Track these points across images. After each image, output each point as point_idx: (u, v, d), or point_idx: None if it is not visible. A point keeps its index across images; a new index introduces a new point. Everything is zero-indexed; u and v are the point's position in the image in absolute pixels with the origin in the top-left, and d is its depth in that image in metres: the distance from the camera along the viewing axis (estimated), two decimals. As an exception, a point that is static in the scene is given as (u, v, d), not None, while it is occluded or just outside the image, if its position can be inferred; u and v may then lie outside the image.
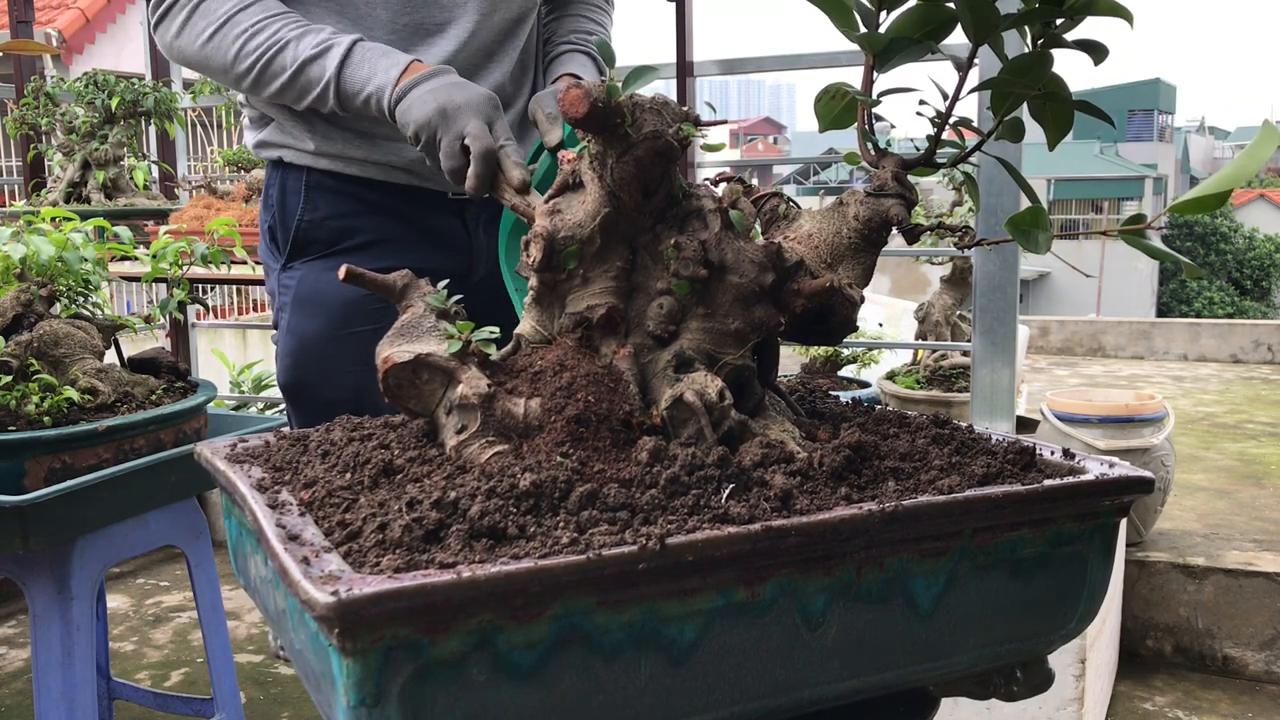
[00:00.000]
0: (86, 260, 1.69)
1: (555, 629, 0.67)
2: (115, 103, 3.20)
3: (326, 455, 0.90)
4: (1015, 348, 2.56)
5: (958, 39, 0.91)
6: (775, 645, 0.75)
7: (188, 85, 3.67)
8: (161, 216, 3.29)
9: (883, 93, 0.94)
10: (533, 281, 0.94)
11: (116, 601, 3.49)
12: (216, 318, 7.30)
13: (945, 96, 0.93)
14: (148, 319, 1.79)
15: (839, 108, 0.98)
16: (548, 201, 0.93)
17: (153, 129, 3.48)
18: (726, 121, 1.28)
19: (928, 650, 0.82)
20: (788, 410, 0.98)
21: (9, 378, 1.53)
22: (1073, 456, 0.91)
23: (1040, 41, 0.90)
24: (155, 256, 1.83)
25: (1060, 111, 0.93)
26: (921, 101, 0.93)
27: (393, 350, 0.87)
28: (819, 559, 0.76)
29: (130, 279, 2.86)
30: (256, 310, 8.66)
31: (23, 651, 3.14)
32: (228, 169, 3.41)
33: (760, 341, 0.93)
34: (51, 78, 3.54)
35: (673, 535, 0.69)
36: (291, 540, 0.71)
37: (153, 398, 1.68)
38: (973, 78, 0.95)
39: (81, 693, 1.56)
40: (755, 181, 1.02)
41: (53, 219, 1.81)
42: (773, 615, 0.75)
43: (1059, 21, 0.88)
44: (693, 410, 0.85)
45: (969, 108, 1.90)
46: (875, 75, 0.93)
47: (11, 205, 3.60)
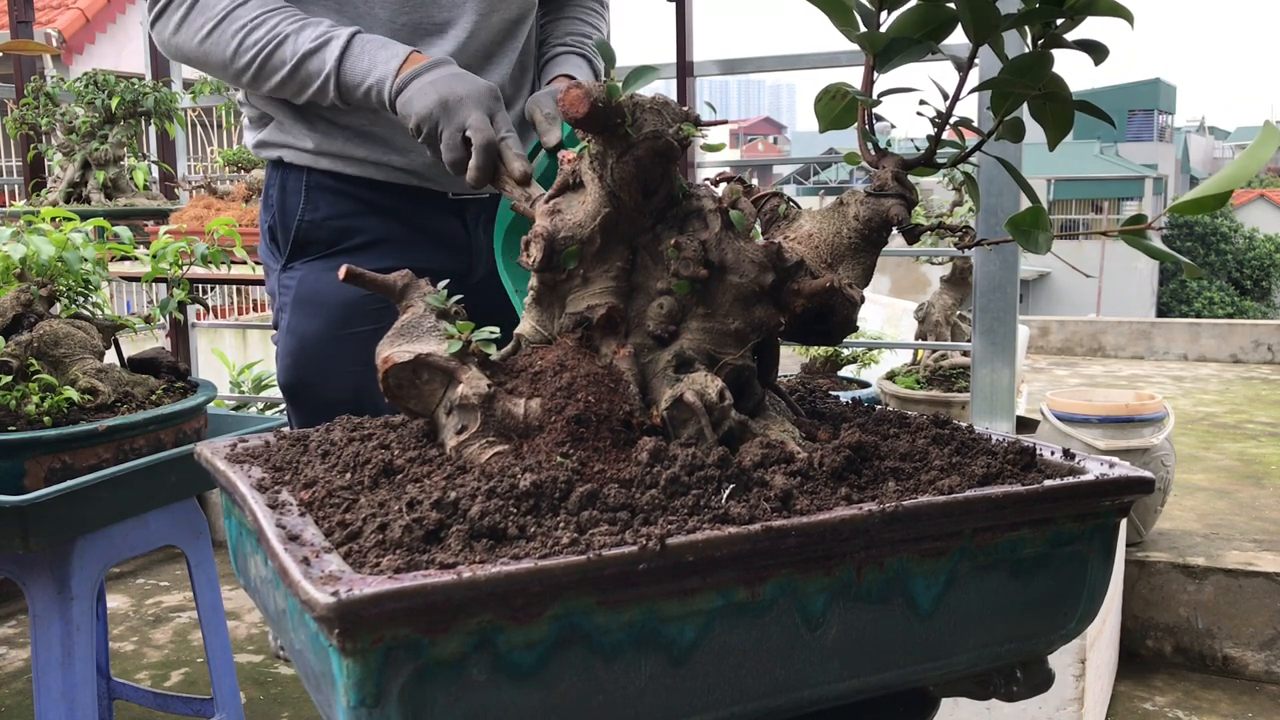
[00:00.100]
0: (86, 260, 1.69)
1: (555, 629, 0.67)
2: (115, 103, 3.20)
3: (326, 455, 0.90)
4: (1015, 348, 2.56)
5: (958, 39, 0.91)
6: (775, 645, 0.75)
7: (188, 85, 3.67)
8: (161, 216, 3.29)
9: (883, 93, 0.94)
10: (533, 281, 0.94)
11: (116, 601, 3.49)
12: (216, 318, 7.30)
13: (945, 96, 0.93)
14: (148, 319, 1.79)
15: (839, 108, 0.98)
16: (548, 201, 0.93)
17: (153, 129, 3.48)
18: (726, 121, 1.28)
19: (928, 650, 0.82)
20: (788, 410, 0.98)
21: (9, 378, 1.53)
22: (1073, 457, 0.91)
23: (1040, 41, 0.90)
24: (155, 256, 1.83)
25: (1060, 111, 0.93)
26: (922, 101, 0.93)
27: (393, 350, 0.87)
28: (819, 559, 0.76)
29: (130, 279, 2.86)
30: (256, 310, 8.65)
31: (23, 651, 3.14)
32: (228, 169, 3.40)
33: (760, 341, 0.93)
34: (51, 78, 3.54)
35: (673, 535, 0.69)
36: (291, 540, 0.71)
37: (153, 398, 1.68)
38: (973, 78, 0.95)
39: (81, 693, 1.56)
40: (755, 181, 1.02)
41: (53, 219, 1.81)
42: (773, 615, 0.75)
43: (1059, 21, 0.88)
44: (693, 410, 0.85)
45: (969, 108, 1.90)
46: (875, 75, 0.93)
47: (11, 205, 3.60)
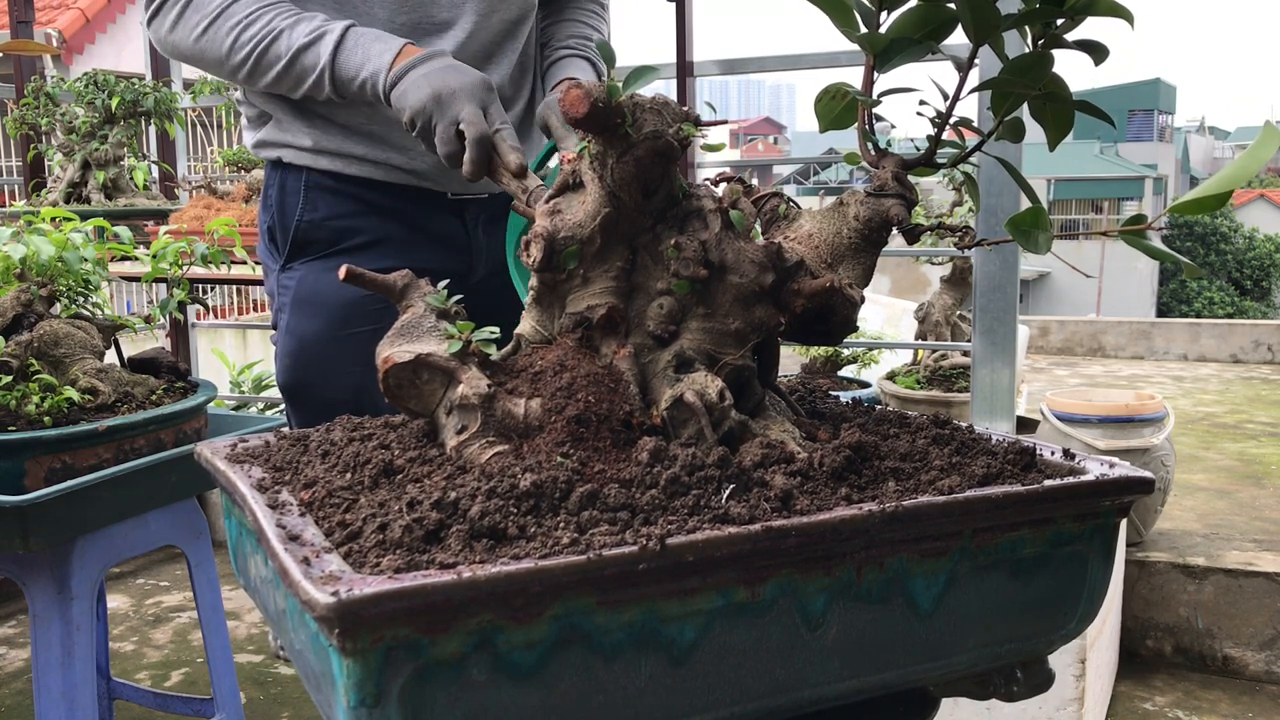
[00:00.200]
0: (86, 260, 1.69)
1: (555, 629, 0.67)
2: (115, 103, 3.20)
3: (326, 455, 0.90)
4: (1015, 348, 2.56)
5: (958, 39, 0.92)
6: (775, 645, 0.75)
7: (188, 85, 3.67)
8: (161, 216, 3.29)
9: (883, 93, 0.94)
10: (533, 281, 0.94)
11: (116, 601, 3.49)
12: (216, 318, 7.30)
13: (945, 96, 0.93)
14: (148, 319, 1.79)
15: (839, 108, 0.98)
16: (548, 201, 0.93)
17: (153, 129, 3.48)
18: (726, 121, 1.28)
19: (928, 650, 0.82)
20: (788, 410, 0.98)
21: (9, 378, 1.53)
22: (1073, 457, 0.91)
23: (1040, 41, 0.90)
24: (155, 256, 1.83)
25: (1060, 111, 0.93)
26: (922, 101, 0.93)
27: (393, 350, 0.87)
28: (819, 559, 0.76)
29: (130, 279, 2.86)
30: (256, 310, 8.66)
31: (23, 651, 3.14)
32: (228, 169, 3.41)
33: (760, 341, 0.93)
34: (51, 78, 3.54)
35: (673, 535, 0.69)
36: (292, 540, 0.71)
37: (153, 398, 1.68)
38: (973, 78, 0.95)
39: (81, 693, 1.56)
40: (755, 181, 1.02)
41: (53, 219, 1.81)
42: (773, 615, 0.75)
43: (1059, 22, 0.88)
44: (693, 410, 0.85)
45: (969, 108, 1.90)
46: (875, 75, 0.93)
47: (11, 205, 3.60)
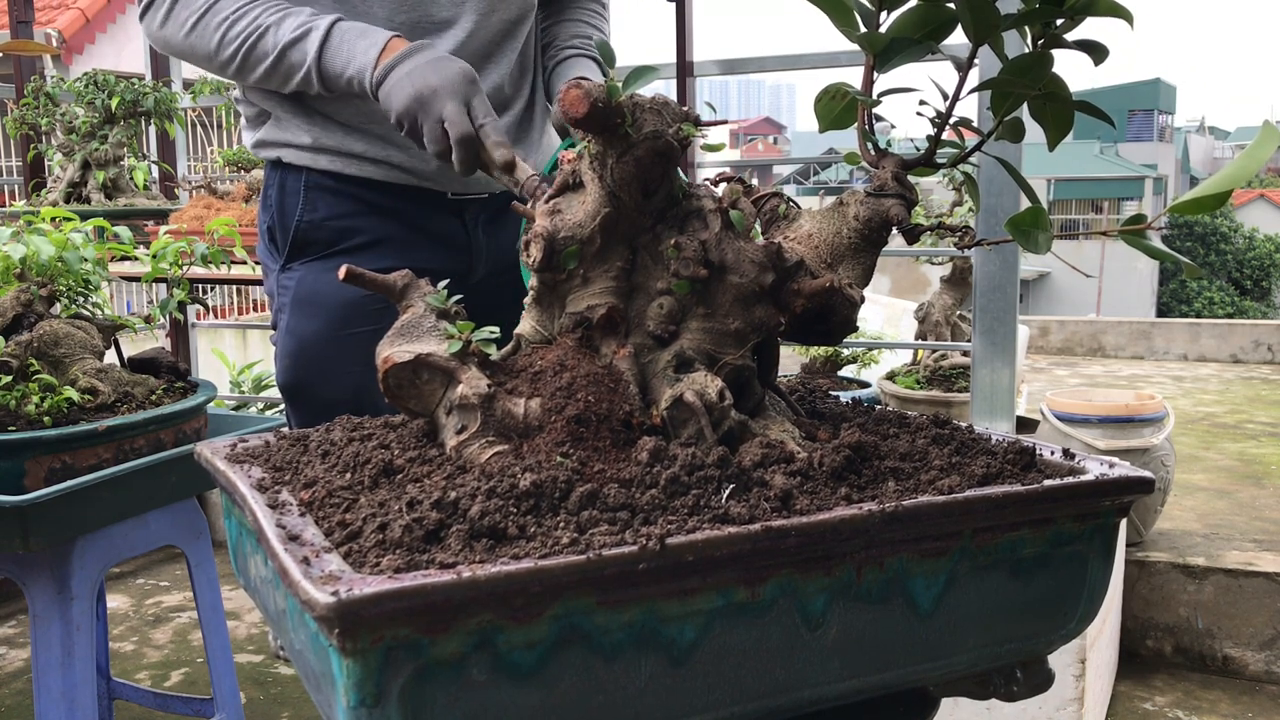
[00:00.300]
0: (86, 260, 1.69)
1: (555, 629, 0.67)
2: (115, 103, 3.20)
3: (326, 455, 0.90)
4: (1015, 348, 2.56)
5: (958, 39, 0.91)
6: (775, 645, 0.75)
7: (188, 85, 3.67)
8: (161, 216, 3.29)
9: (883, 93, 0.94)
10: (533, 281, 0.94)
11: (116, 601, 3.49)
12: (216, 318, 7.30)
13: (945, 96, 0.93)
14: (148, 319, 1.79)
15: (839, 108, 0.98)
16: (548, 201, 0.93)
17: (153, 129, 3.48)
18: (726, 121, 1.28)
19: (928, 650, 0.82)
20: (788, 410, 0.98)
21: (9, 378, 1.53)
22: (1073, 457, 0.91)
23: (1040, 41, 0.90)
24: (155, 256, 1.83)
25: (1060, 111, 0.93)
26: (922, 101, 0.93)
27: (393, 350, 0.87)
28: (819, 559, 0.76)
29: (130, 279, 2.86)
30: (256, 310, 8.66)
31: (23, 651, 3.14)
32: (228, 169, 3.41)
33: (760, 341, 0.93)
34: (51, 78, 3.54)
35: (673, 535, 0.69)
36: (291, 540, 0.71)
37: (153, 398, 1.68)
38: (973, 78, 0.95)
39: (81, 693, 1.56)
40: (755, 181, 1.02)
41: (53, 219, 1.81)
42: (773, 615, 0.75)
43: (1059, 22, 0.88)
44: (693, 410, 0.85)
45: (969, 108, 1.90)
46: (875, 75, 0.93)
47: (11, 205, 3.60)
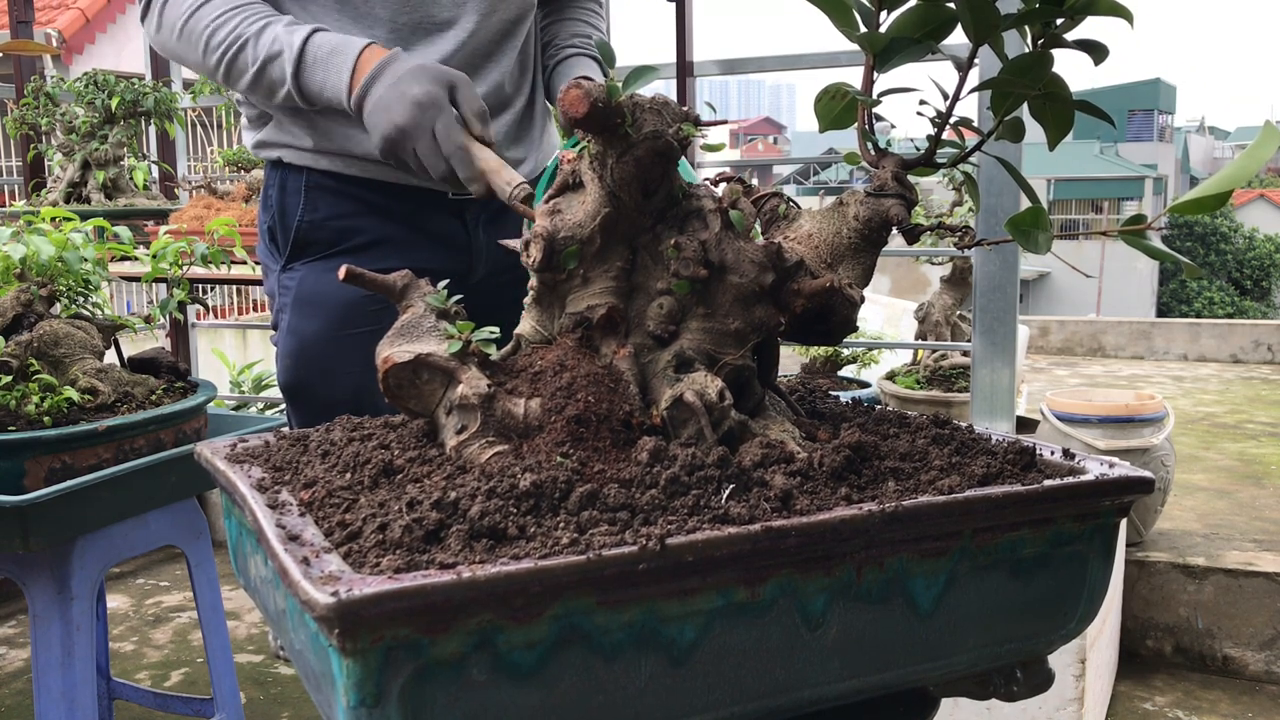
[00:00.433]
0: (86, 260, 1.69)
1: (555, 629, 0.67)
2: (115, 103, 3.20)
3: (326, 455, 0.90)
4: (1015, 348, 2.56)
5: (958, 39, 0.91)
6: (775, 645, 0.75)
7: (188, 85, 3.68)
8: (161, 216, 3.29)
9: (883, 93, 0.94)
10: (533, 281, 0.94)
11: (116, 601, 3.49)
12: (216, 318, 7.30)
13: (945, 96, 0.93)
14: (148, 319, 1.80)
15: (839, 108, 0.98)
16: (548, 201, 0.93)
17: (153, 129, 3.48)
18: (726, 121, 1.28)
19: (928, 650, 0.82)
20: (788, 410, 0.98)
21: (9, 378, 1.53)
22: (1073, 457, 0.91)
23: (1040, 41, 0.90)
24: (155, 256, 1.83)
25: (1060, 111, 0.93)
26: (922, 101, 0.93)
27: (393, 350, 0.87)
28: (819, 559, 0.76)
29: (130, 279, 2.86)
30: (256, 310, 8.66)
31: (23, 651, 3.14)
32: (228, 169, 3.41)
33: (760, 341, 0.93)
34: (51, 78, 3.54)
35: (673, 535, 0.69)
36: (291, 540, 0.71)
37: (153, 398, 1.68)
38: (973, 78, 0.95)
39: (81, 693, 1.56)
40: (755, 181, 1.02)
41: (53, 219, 1.81)
42: (773, 615, 0.75)
43: (1059, 21, 0.88)
44: (693, 410, 0.85)
45: (969, 108, 1.90)
46: (875, 75, 0.93)
47: (11, 205, 3.60)
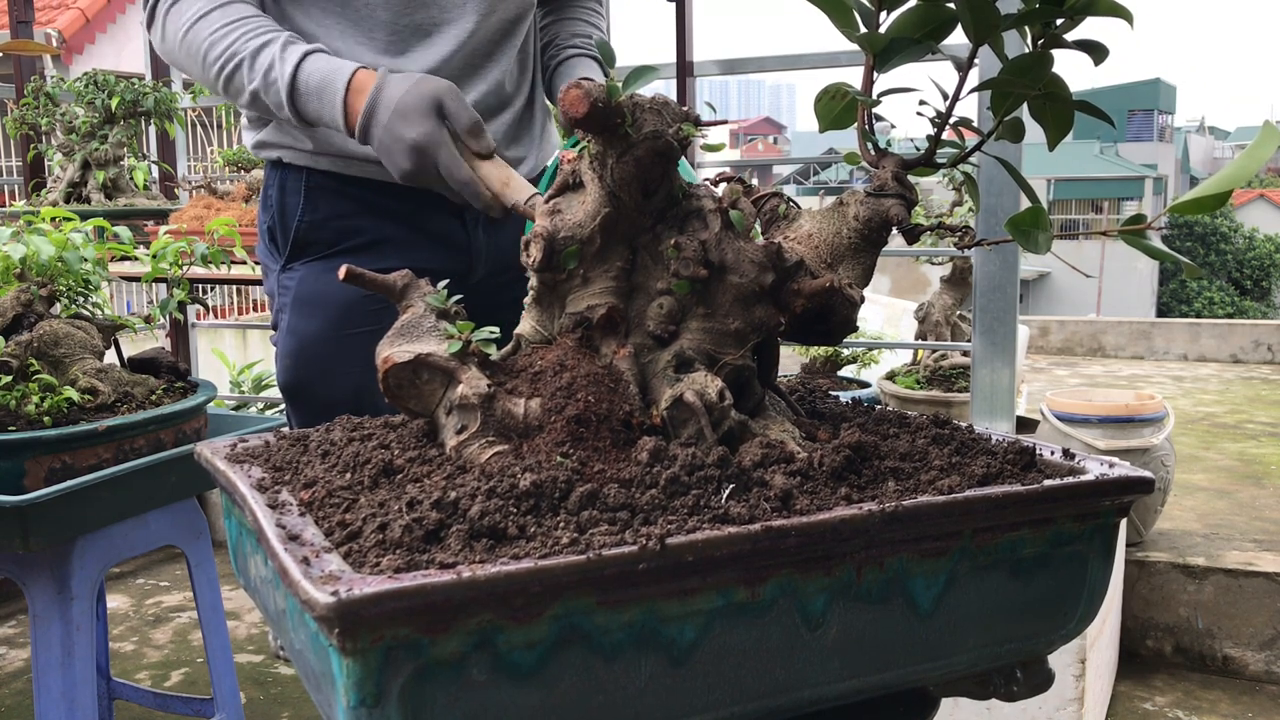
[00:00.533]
0: (86, 260, 1.69)
1: (555, 629, 0.67)
2: (115, 103, 3.20)
3: (326, 455, 0.90)
4: (1015, 348, 2.56)
5: (958, 39, 0.91)
6: (775, 645, 0.75)
7: (188, 85, 3.67)
8: (161, 216, 3.29)
9: (883, 93, 0.94)
10: (533, 281, 0.94)
11: (116, 601, 3.49)
12: (216, 318, 7.30)
13: (945, 96, 0.93)
14: (148, 319, 1.80)
15: (839, 108, 0.98)
16: (548, 201, 0.93)
17: (153, 129, 3.48)
18: (726, 121, 1.28)
19: (928, 650, 0.82)
20: (788, 410, 0.98)
21: (9, 378, 1.53)
22: (1073, 457, 0.91)
23: (1040, 41, 0.90)
24: (155, 256, 1.83)
25: (1060, 111, 0.93)
26: (921, 101, 0.93)
27: (393, 350, 0.87)
28: (819, 559, 0.76)
29: (130, 279, 2.86)
30: (256, 310, 8.66)
31: (23, 651, 3.15)
32: (228, 169, 3.41)
33: (760, 341, 0.93)
34: (51, 78, 3.54)
35: (673, 535, 0.69)
36: (291, 540, 0.71)
37: (153, 398, 1.68)
38: (973, 78, 0.95)
39: (81, 693, 1.56)
40: (755, 181, 1.02)
41: (53, 219, 1.81)
42: (773, 615, 0.75)
43: (1059, 22, 0.88)
44: (693, 410, 0.85)
45: (969, 108, 1.91)
46: (875, 75, 0.93)
47: (11, 205, 3.60)
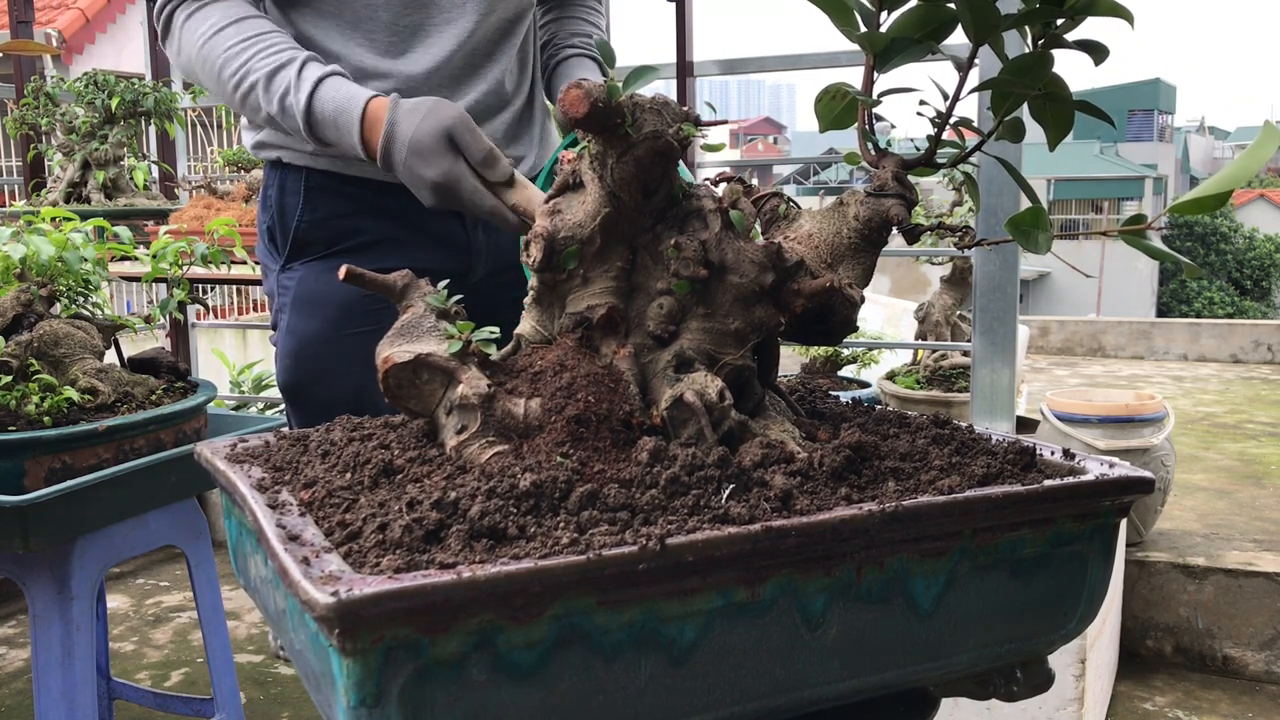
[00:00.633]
0: (86, 260, 1.69)
1: (555, 629, 0.67)
2: (115, 103, 3.20)
3: (326, 455, 0.90)
4: (1015, 348, 2.56)
5: (958, 39, 0.91)
6: (775, 645, 0.75)
7: (188, 85, 3.67)
8: (161, 216, 3.29)
9: (883, 93, 0.94)
10: (533, 281, 0.94)
11: (116, 601, 3.49)
12: (216, 318, 7.30)
13: (945, 96, 0.93)
14: (148, 319, 1.80)
15: (839, 108, 0.98)
16: (548, 201, 0.93)
17: (153, 129, 3.48)
18: (726, 121, 1.28)
19: (928, 650, 0.82)
20: (788, 410, 0.98)
21: (9, 378, 1.53)
22: (1073, 457, 0.91)
23: (1040, 41, 0.90)
24: (155, 256, 1.83)
25: (1060, 111, 0.93)
26: (922, 101, 0.93)
27: (393, 350, 0.87)
28: (819, 559, 0.76)
29: (130, 279, 2.86)
30: (256, 310, 8.66)
31: (23, 651, 3.15)
32: (228, 169, 3.41)
33: (760, 341, 0.93)
34: (51, 78, 3.54)
35: (673, 535, 0.69)
36: (291, 540, 0.71)
37: (153, 398, 1.68)
38: (973, 78, 0.95)
39: (81, 693, 1.56)
40: (755, 181, 1.02)
41: (53, 219, 1.81)
42: (773, 615, 0.75)
43: (1059, 22, 0.88)
44: (693, 410, 0.85)
45: (969, 108, 1.90)
46: (875, 75, 0.93)
47: (11, 205, 3.60)
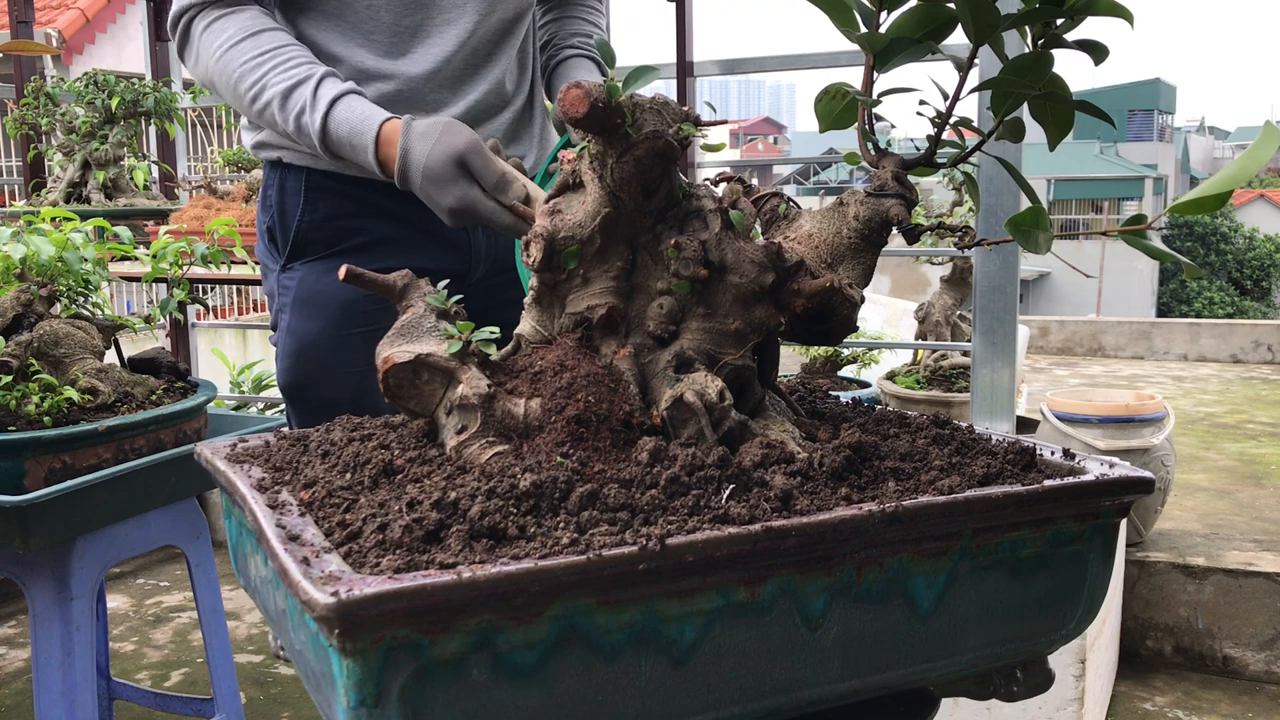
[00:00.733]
0: (86, 260, 1.69)
1: (555, 629, 0.67)
2: (115, 103, 3.20)
3: (326, 455, 0.90)
4: (1015, 348, 2.56)
5: (958, 39, 0.91)
6: (775, 645, 0.75)
7: (188, 85, 3.68)
8: (161, 216, 3.29)
9: (883, 93, 0.94)
10: (533, 281, 0.94)
11: (116, 601, 3.49)
12: (216, 318, 7.30)
13: (945, 96, 0.93)
14: (148, 319, 1.79)
15: (839, 108, 0.98)
16: (548, 201, 0.93)
17: (153, 129, 3.48)
18: (726, 121, 1.28)
19: (928, 650, 0.82)
20: (788, 410, 0.98)
21: (9, 378, 1.53)
22: (1073, 457, 0.91)
23: (1040, 41, 0.90)
24: (155, 256, 1.83)
25: (1060, 111, 0.93)
26: (922, 101, 0.93)
27: (393, 350, 0.87)
28: (819, 559, 0.76)
29: (130, 279, 2.86)
30: (256, 310, 8.66)
31: (23, 651, 3.15)
32: (228, 169, 3.41)
33: (760, 341, 0.93)
34: (51, 78, 3.54)
35: (673, 536, 0.69)
36: (291, 540, 0.71)
37: (153, 398, 1.68)
38: (973, 78, 0.95)
39: (81, 693, 1.56)
40: (755, 181, 1.02)
41: (53, 219, 1.81)
42: (773, 615, 0.75)
43: (1059, 21, 0.88)
44: (693, 410, 0.85)
45: (969, 108, 1.90)
46: (875, 75, 0.93)
47: (11, 205, 3.60)
